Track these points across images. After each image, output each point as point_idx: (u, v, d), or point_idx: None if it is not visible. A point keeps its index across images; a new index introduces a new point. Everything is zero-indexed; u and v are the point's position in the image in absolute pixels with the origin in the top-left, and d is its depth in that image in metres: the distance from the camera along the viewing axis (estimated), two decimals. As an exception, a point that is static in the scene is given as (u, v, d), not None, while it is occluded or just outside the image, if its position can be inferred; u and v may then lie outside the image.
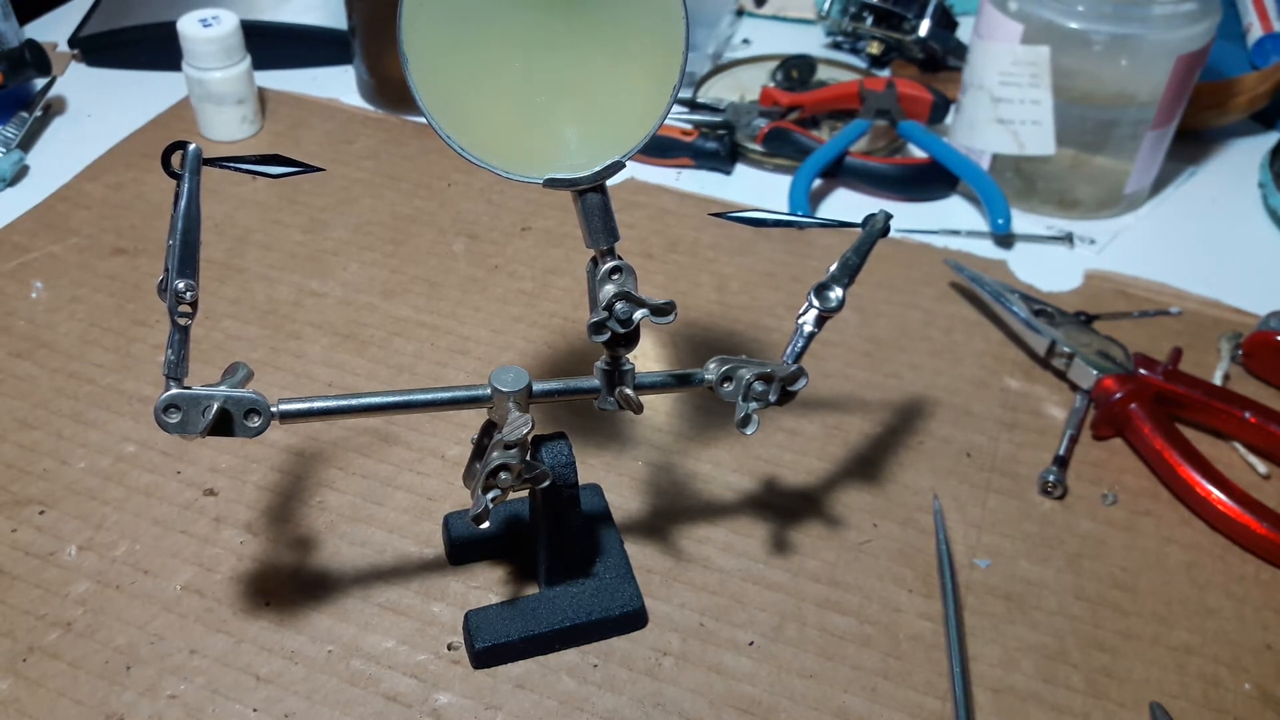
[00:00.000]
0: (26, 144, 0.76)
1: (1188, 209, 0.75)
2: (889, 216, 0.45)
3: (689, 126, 0.78)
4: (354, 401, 0.41)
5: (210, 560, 0.48)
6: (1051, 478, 0.53)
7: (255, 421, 0.39)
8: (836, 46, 0.93)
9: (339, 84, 0.85)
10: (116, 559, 0.48)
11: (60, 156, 0.75)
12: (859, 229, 0.45)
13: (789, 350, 0.44)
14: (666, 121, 0.40)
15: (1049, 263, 0.69)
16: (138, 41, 0.85)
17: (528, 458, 0.40)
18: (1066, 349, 0.58)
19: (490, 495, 0.39)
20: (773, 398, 0.43)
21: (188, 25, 0.72)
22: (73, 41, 0.86)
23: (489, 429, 0.44)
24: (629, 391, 0.42)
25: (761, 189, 0.76)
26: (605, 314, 0.39)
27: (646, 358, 0.60)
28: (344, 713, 0.43)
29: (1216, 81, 0.79)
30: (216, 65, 0.73)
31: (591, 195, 0.40)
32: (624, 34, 0.38)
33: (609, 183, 0.40)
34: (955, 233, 0.71)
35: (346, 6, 0.79)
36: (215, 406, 0.38)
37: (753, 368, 0.43)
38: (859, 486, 0.53)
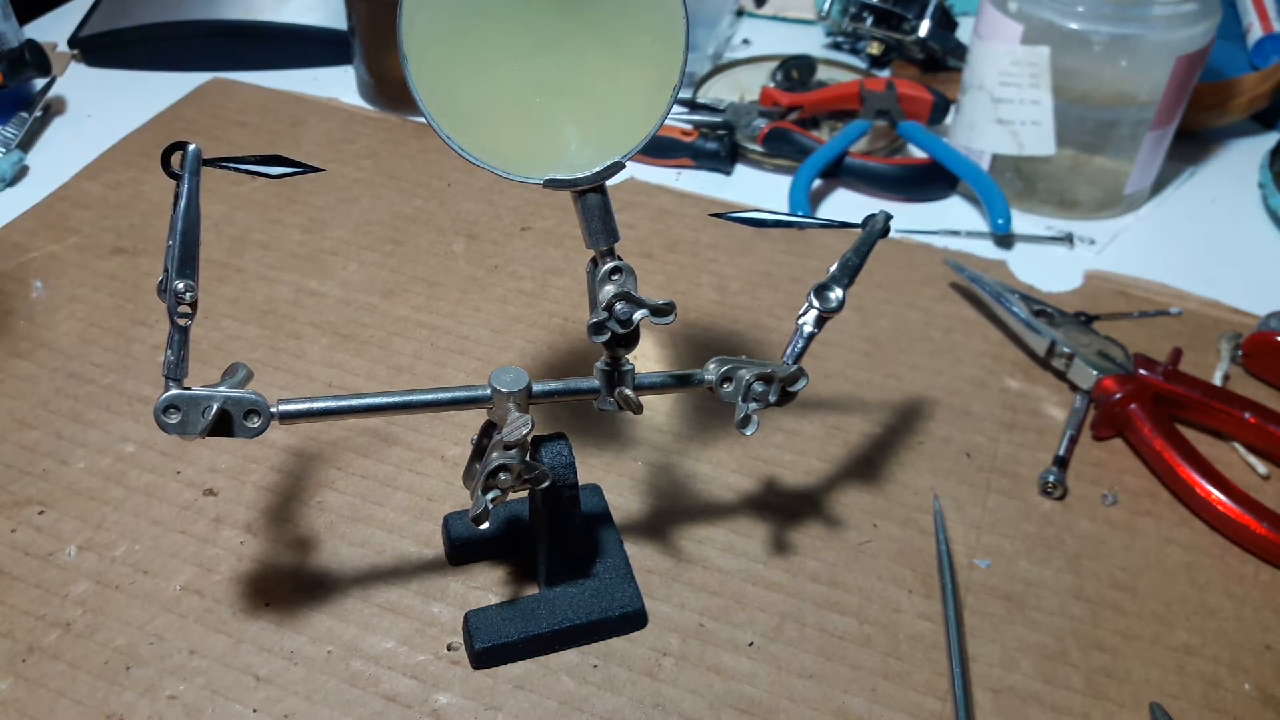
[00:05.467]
0: (26, 144, 0.76)
1: (1188, 209, 0.75)
2: (889, 217, 0.45)
3: (689, 127, 0.78)
4: (354, 402, 0.41)
5: (210, 560, 0.48)
6: (1051, 478, 0.53)
7: (255, 422, 0.39)
8: (836, 47, 0.93)
9: (339, 84, 0.85)
10: (116, 559, 0.48)
11: (60, 156, 0.75)
12: (859, 229, 0.45)
13: (789, 351, 0.44)
14: (666, 122, 0.40)
15: (1049, 263, 0.69)
16: (138, 41, 0.85)
17: (527, 458, 0.40)
18: (1066, 349, 0.58)
19: (490, 496, 0.39)
20: (773, 398, 0.43)
21: None
22: (73, 41, 0.86)
23: (489, 429, 0.44)
24: (629, 392, 0.42)
25: (761, 189, 0.76)
26: (605, 314, 0.39)
27: (646, 358, 0.60)
28: (344, 713, 0.43)
29: (1216, 82, 0.79)
30: None
31: (591, 196, 0.40)
32: (624, 34, 0.38)
33: (609, 183, 0.40)
34: (955, 233, 0.71)
35: (346, 6, 0.79)
36: (215, 407, 0.38)
37: (753, 368, 0.43)
38: (859, 486, 0.53)
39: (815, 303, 0.44)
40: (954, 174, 0.74)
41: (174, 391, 0.38)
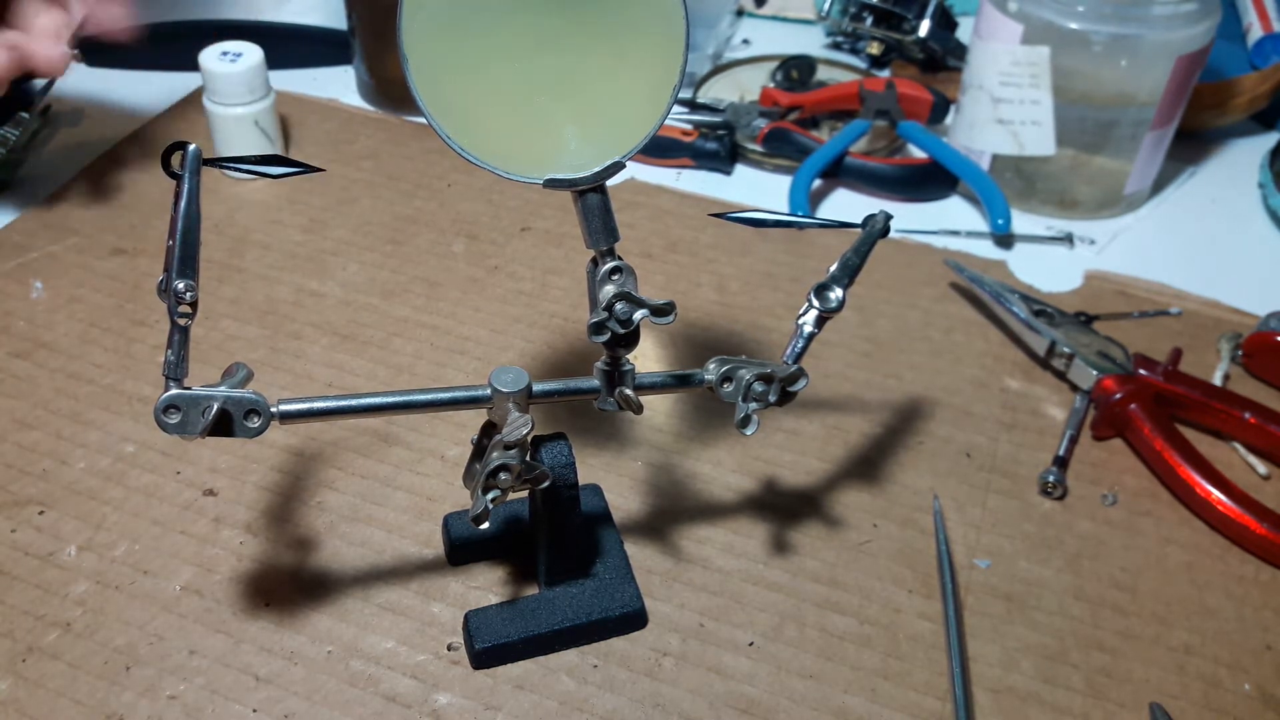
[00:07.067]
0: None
1: (1188, 209, 0.75)
2: (889, 217, 0.45)
3: (689, 127, 0.78)
4: (354, 402, 0.41)
5: (210, 560, 0.49)
6: (1051, 478, 0.53)
7: (255, 422, 0.39)
8: (836, 47, 0.93)
9: (339, 84, 0.85)
10: (116, 559, 0.48)
11: (60, 156, 0.75)
12: (859, 229, 0.45)
13: (789, 351, 0.44)
14: (666, 122, 0.40)
15: (1049, 263, 0.69)
16: (138, 41, 0.85)
17: (527, 458, 0.40)
18: (1066, 349, 0.58)
19: (490, 496, 0.39)
20: (773, 398, 0.43)
21: (209, 60, 0.70)
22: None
23: (489, 429, 0.44)
24: (629, 392, 0.42)
25: (761, 189, 0.76)
26: (605, 314, 0.39)
27: (646, 358, 0.60)
28: (344, 713, 0.43)
29: (1216, 82, 0.79)
30: (238, 101, 0.71)
31: (591, 195, 0.40)
32: (624, 34, 0.38)
33: (609, 183, 0.40)
34: (955, 233, 0.71)
35: (346, 6, 0.79)
36: (215, 407, 0.38)
37: (753, 368, 0.43)
38: (859, 486, 0.53)
39: (815, 303, 0.44)
40: (954, 174, 0.74)
41: (174, 391, 0.38)
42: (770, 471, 0.54)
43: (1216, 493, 0.51)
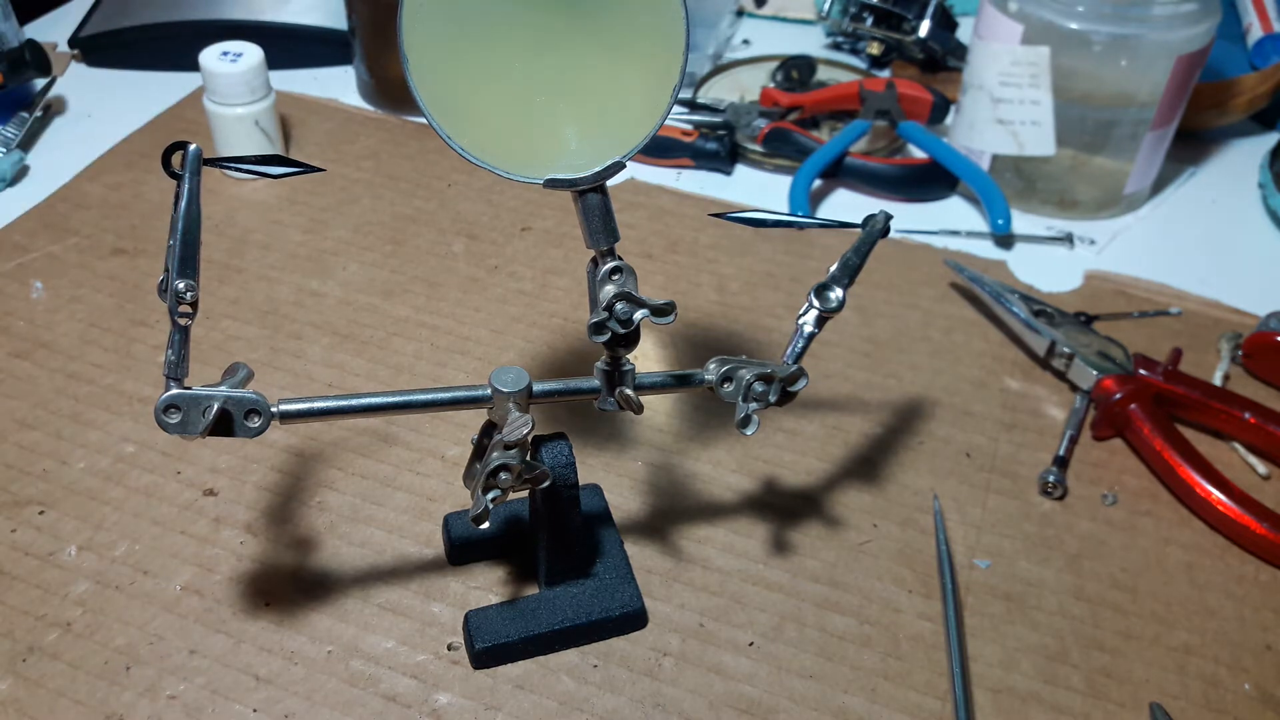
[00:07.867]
0: (26, 144, 0.76)
1: (1188, 209, 0.75)
2: (889, 217, 0.45)
3: (689, 127, 0.78)
4: (354, 402, 0.41)
5: (210, 560, 0.49)
6: (1051, 478, 0.53)
7: (255, 422, 0.39)
8: (836, 47, 0.93)
9: (339, 84, 0.85)
10: (116, 559, 0.48)
11: (60, 156, 0.75)
12: (859, 229, 0.45)
13: (789, 351, 0.44)
14: (666, 122, 0.40)
15: (1049, 263, 0.69)
16: (138, 41, 0.85)
17: (528, 458, 0.40)
18: (1066, 349, 0.58)
19: (490, 496, 0.39)
20: (773, 398, 0.43)
21: (209, 60, 0.70)
22: (73, 41, 0.86)
23: (489, 429, 0.44)
24: (629, 392, 0.42)
25: (761, 189, 0.76)
26: (605, 314, 0.39)
27: (646, 358, 0.60)
28: (344, 713, 0.43)
29: (1216, 82, 0.79)
30: (238, 101, 0.71)
31: (592, 195, 0.40)
32: (624, 34, 0.38)
33: (609, 183, 0.40)
34: (955, 233, 0.71)
35: (346, 6, 0.79)
36: (215, 407, 0.38)
37: (753, 368, 0.43)
38: (859, 486, 0.53)
39: (815, 303, 0.44)
40: (954, 174, 0.74)
41: (175, 391, 0.38)
42: (770, 471, 0.54)
43: (1216, 493, 0.51)
